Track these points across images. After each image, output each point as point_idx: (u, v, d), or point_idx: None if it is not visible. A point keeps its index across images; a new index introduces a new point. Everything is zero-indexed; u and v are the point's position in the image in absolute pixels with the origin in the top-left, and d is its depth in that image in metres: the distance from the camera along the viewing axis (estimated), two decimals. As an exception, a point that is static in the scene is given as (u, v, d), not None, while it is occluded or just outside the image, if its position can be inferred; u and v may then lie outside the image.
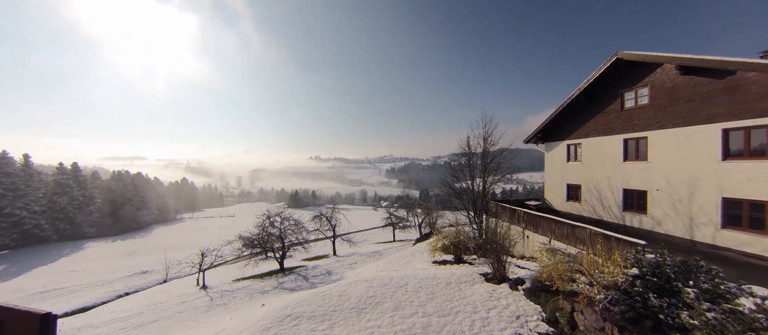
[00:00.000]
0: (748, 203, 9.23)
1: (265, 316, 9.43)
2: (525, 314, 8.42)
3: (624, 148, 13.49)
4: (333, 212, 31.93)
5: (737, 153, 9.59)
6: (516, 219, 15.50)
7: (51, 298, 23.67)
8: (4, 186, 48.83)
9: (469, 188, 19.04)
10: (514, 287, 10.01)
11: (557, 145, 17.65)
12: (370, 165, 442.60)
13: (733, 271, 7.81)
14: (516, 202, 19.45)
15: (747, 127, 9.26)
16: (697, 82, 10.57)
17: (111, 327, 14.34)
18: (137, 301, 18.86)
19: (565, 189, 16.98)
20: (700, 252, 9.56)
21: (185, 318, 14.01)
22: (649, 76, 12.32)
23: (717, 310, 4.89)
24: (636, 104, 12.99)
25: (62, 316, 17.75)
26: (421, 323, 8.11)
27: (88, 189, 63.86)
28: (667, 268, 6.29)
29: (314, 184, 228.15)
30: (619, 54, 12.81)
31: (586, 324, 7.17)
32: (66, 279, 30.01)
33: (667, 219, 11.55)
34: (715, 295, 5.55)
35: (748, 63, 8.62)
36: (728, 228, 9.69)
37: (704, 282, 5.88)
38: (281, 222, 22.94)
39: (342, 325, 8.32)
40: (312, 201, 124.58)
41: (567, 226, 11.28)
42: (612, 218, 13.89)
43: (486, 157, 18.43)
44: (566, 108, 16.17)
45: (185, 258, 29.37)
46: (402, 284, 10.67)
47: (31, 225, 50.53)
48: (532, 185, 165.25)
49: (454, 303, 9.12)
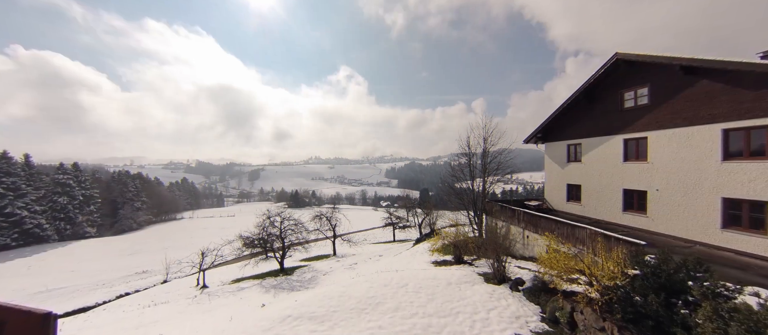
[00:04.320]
0: (748, 203, 9.23)
1: (266, 317, 9.43)
2: (525, 314, 8.42)
3: (624, 148, 13.48)
4: (333, 212, 31.92)
5: (737, 153, 9.59)
6: (516, 219, 15.50)
7: (51, 298, 23.68)
8: (5, 185, 48.86)
9: (469, 188, 19.05)
10: (514, 287, 10.01)
11: (557, 145, 17.64)
12: (370, 165, 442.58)
13: (733, 271, 7.81)
14: (516, 202, 19.44)
15: (747, 128, 9.26)
16: (697, 83, 10.56)
17: (111, 327, 14.35)
18: (137, 301, 18.86)
19: (566, 190, 16.97)
20: (701, 252, 9.55)
21: (185, 318, 14.00)
22: (649, 76, 12.32)
23: (722, 308, 4.89)
24: (636, 104, 12.98)
25: (63, 316, 17.76)
26: (422, 324, 8.10)
27: (88, 189, 63.88)
28: (667, 268, 6.29)
29: (314, 184, 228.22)
30: (618, 54, 12.81)
31: (586, 324, 7.17)
32: (66, 279, 30.01)
33: (667, 220, 11.54)
34: (716, 294, 5.55)
35: (748, 63, 8.62)
36: (728, 228, 9.69)
37: (705, 282, 5.88)
38: (281, 222, 22.93)
39: (342, 326, 8.31)
40: (312, 201, 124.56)
41: (567, 226, 11.28)
42: (612, 218, 13.89)
43: (486, 157, 18.44)
44: (566, 108, 16.16)
45: (185, 258, 29.39)
46: (402, 284, 10.67)
47: (32, 225, 50.56)
48: (532, 185, 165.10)
49: (454, 303, 9.11)
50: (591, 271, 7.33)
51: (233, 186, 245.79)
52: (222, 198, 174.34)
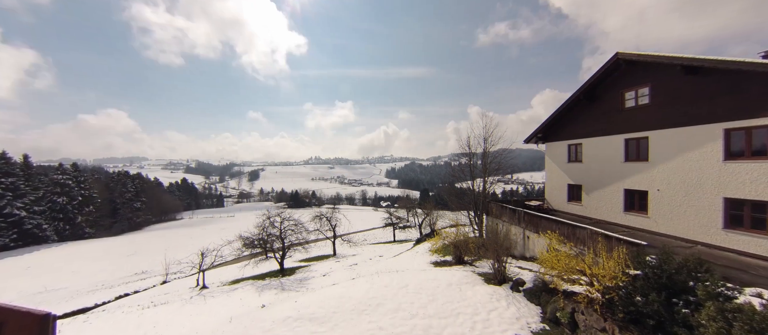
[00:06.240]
0: (749, 203, 9.21)
1: (266, 317, 9.41)
2: (526, 315, 8.40)
3: (625, 148, 13.46)
4: (333, 212, 31.87)
5: (739, 153, 9.57)
6: (516, 219, 15.48)
7: (50, 299, 23.61)
8: (4, 185, 48.77)
9: (469, 188, 19.04)
10: (514, 288, 9.99)
11: (558, 145, 17.62)
12: (370, 165, 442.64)
13: (735, 272, 7.79)
14: (516, 203, 19.43)
15: (749, 128, 9.24)
16: (698, 82, 10.55)
17: (110, 328, 14.31)
18: (137, 302, 18.80)
19: (566, 190, 16.95)
20: (702, 252, 9.53)
21: (185, 319, 13.95)
22: (650, 75, 12.30)
23: (725, 308, 4.86)
24: (637, 104, 12.96)
25: (62, 317, 17.69)
26: (423, 325, 8.08)
27: (87, 189, 63.79)
28: (669, 267, 6.27)
29: (314, 185, 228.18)
30: (619, 54, 12.79)
31: (587, 324, 7.15)
32: (65, 280, 29.94)
33: (668, 220, 11.52)
34: (716, 295, 5.53)
35: (749, 63, 8.61)
36: (730, 229, 9.67)
37: (706, 282, 5.86)
38: (281, 222, 22.88)
39: (343, 327, 8.29)
40: (312, 201, 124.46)
41: (568, 227, 11.26)
42: (613, 218, 13.87)
43: (486, 157, 18.43)
44: (567, 108, 16.15)
45: (185, 259, 29.31)
46: (402, 285, 10.64)
47: (31, 225, 50.47)
48: (532, 185, 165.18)
49: (455, 304, 9.09)
50: (592, 271, 7.31)
51: (233, 187, 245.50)
52: (222, 198, 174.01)
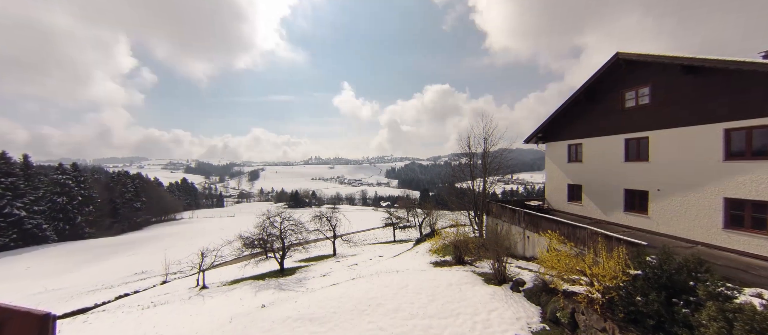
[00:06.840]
0: (750, 203, 9.21)
1: (266, 317, 9.41)
2: (526, 315, 8.39)
3: (625, 148, 13.46)
4: (333, 212, 31.86)
5: (739, 153, 9.56)
6: (516, 219, 15.47)
7: (50, 299, 23.60)
8: (3, 185, 48.75)
9: (469, 188, 19.04)
10: (515, 288, 9.99)
11: (558, 145, 17.62)
12: (369, 165, 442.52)
13: (736, 272, 7.79)
14: (516, 203, 19.42)
15: (749, 127, 9.24)
16: (698, 82, 10.55)
17: (110, 328, 14.29)
18: (137, 302, 18.80)
19: (566, 190, 16.94)
20: (702, 252, 9.52)
21: (185, 319, 13.94)
22: (650, 75, 12.30)
23: (725, 308, 4.86)
24: (637, 104, 12.96)
25: (61, 317, 17.68)
26: (423, 325, 8.07)
27: (87, 189, 63.77)
28: (669, 267, 6.27)
29: (314, 185, 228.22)
30: (619, 53, 12.78)
31: (587, 324, 7.15)
32: (65, 280, 29.94)
33: (668, 220, 11.52)
34: (716, 295, 5.53)
35: (750, 62, 8.60)
36: (730, 229, 9.67)
37: (706, 282, 5.86)
38: (281, 222, 22.87)
39: (343, 327, 8.28)
40: (312, 201, 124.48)
41: (568, 227, 11.26)
42: (613, 219, 13.86)
43: (486, 157, 18.42)
44: (567, 108, 16.14)
45: (185, 259, 29.31)
46: (402, 285, 10.64)
47: (31, 225, 50.45)
48: (532, 185, 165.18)
49: (455, 305, 9.08)
50: (592, 271, 7.31)
51: (233, 187, 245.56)
52: (222, 198, 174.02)
